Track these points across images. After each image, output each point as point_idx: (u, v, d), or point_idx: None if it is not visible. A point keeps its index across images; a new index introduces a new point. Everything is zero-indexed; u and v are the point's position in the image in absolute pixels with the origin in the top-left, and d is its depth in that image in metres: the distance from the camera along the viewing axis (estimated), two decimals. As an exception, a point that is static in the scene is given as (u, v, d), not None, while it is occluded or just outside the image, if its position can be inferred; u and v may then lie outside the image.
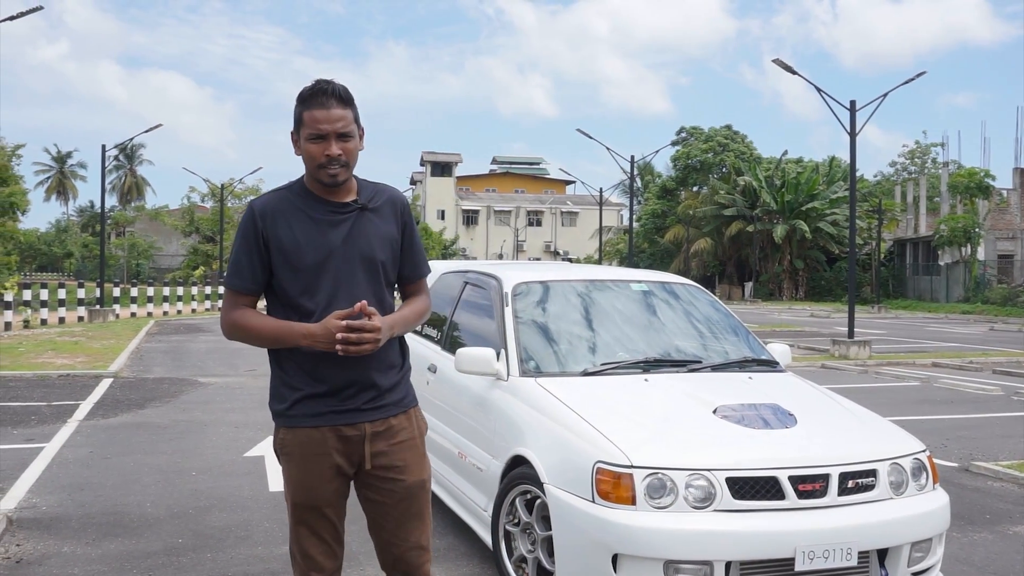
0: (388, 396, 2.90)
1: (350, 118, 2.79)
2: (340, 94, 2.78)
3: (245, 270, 2.83)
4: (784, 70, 18.00)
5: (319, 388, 2.80)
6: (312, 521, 2.87)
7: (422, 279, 3.06)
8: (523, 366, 4.78)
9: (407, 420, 2.96)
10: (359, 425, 2.84)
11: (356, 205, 2.85)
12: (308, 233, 2.79)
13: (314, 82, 2.80)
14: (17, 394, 10.99)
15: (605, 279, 5.66)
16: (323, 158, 2.75)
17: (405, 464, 2.91)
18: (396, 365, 2.95)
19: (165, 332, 21.65)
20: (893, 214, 52.32)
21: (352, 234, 2.82)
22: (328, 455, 2.83)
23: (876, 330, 25.66)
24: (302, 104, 2.79)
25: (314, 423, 2.82)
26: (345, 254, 2.81)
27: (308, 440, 2.83)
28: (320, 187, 2.83)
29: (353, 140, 2.80)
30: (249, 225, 2.83)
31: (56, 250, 75.36)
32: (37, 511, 5.85)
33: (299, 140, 2.82)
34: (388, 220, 2.91)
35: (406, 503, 2.92)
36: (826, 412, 4.56)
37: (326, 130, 2.74)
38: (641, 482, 3.75)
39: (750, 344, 5.40)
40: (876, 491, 3.98)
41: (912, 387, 13.41)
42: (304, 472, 2.85)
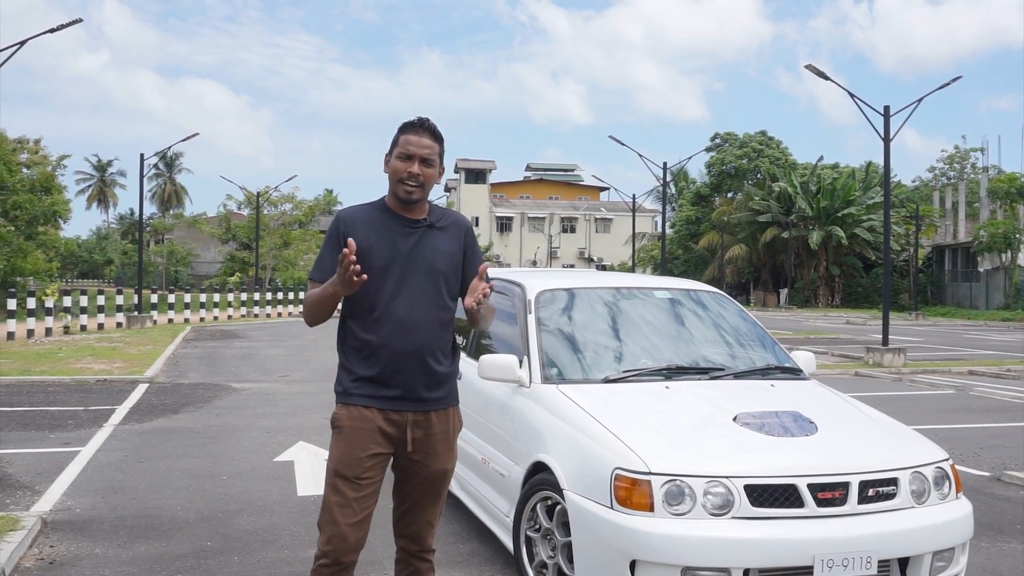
0: (431, 392, 3.32)
1: (436, 151, 3.30)
2: (433, 130, 3.32)
3: (326, 264, 3.28)
4: (817, 76, 17.89)
5: (377, 376, 3.25)
6: (348, 491, 3.24)
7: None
8: (545, 373, 4.81)
9: (445, 416, 3.38)
10: (403, 413, 3.27)
11: (425, 223, 3.34)
12: (380, 239, 3.27)
13: (417, 117, 3.33)
14: (56, 399, 11.21)
15: (629, 287, 5.67)
16: (404, 173, 3.24)
17: (436, 453, 3.35)
18: (447, 360, 3.37)
19: (201, 338, 21.93)
20: (931, 220, 51.66)
21: (418, 246, 3.30)
22: (373, 432, 3.26)
23: (913, 337, 25.36)
24: (401, 131, 3.31)
25: (366, 403, 3.27)
26: (408, 261, 3.28)
27: (359, 416, 3.27)
28: (397, 203, 3.31)
29: (433, 168, 3.30)
30: (334, 228, 3.34)
31: (96, 257, 76.64)
32: (71, 513, 5.98)
33: (390, 159, 3.31)
34: (452, 239, 3.38)
35: (427, 485, 3.38)
36: (848, 420, 4.55)
37: (414, 152, 3.25)
38: (659, 489, 3.77)
39: (774, 352, 5.39)
40: (897, 500, 3.97)
41: (947, 395, 13.25)
42: (349, 443, 3.26)
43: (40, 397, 11.32)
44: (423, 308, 3.26)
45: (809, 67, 17.83)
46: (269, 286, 40.54)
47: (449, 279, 3.34)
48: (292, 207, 50.07)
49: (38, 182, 31.86)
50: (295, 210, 50.14)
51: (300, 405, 11.02)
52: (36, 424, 9.34)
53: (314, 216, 51.66)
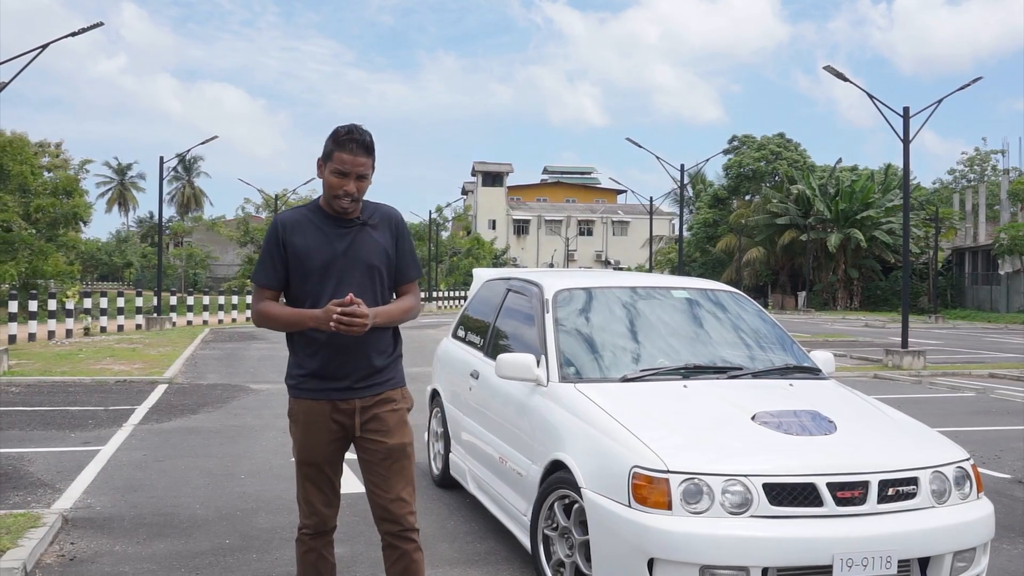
0: (378, 377, 3.51)
1: (369, 164, 3.41)
2: (366, 144, 3.39)
3: (269, 269, 3.48)
4: (836, 77, 17.82)
5: (321, 368, 3.44)
6: (313, 475, 3.55)
7: (411, 282, 3.65)
8: (563, 372, 4.81)
9: (394, 395, 3.57)
10: (351, 401, 3.47)
11: (358, 222, 3.49)
12: (318, 241, 3.44)
13: (348, 128, 3.39)
14: (76, 399, 11.29)
15: (646, 286, 5.67)
16: (340, 191, 3.38)
17: (388, 429, 3.52)
18: (386, 351, 3.55)
19: (220, 340, 22.05)
20: (951, 222, 51.29)
21: (353, 244, 3.46)
22: (325, 422, 3.48)
23: (932, 340, 25.19)
24: (335, 143, 3.38)
25: (315, 396, 3.48)
26: (346, 260, 3.44)
27: (309, 409, 3.49)
28: (331, 208, 3.47)
29: (366, 181, 3.43)
30: (272, 233, 3.51)
31: (116, 260, 77.14)
32: (91, 511, 6.02)
33: (324, 169, 3.42)
34: (384, 234, 3.54)
35: (389, 461, 3.53)
36: (867, 419, 4.53)
37: (348, 170, 3.37)
38: (677, 487, 3.76)
39: (792, 351, 5.36)
40: (917, 499, 3.94)
41: (967, 398, 13.15)
42: (306, 435, 3.51)
43: (60, 397, 11.41)
44: (362, 304, 3.34)
45: (828, 68, 17.75)
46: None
47: (383, 272, 3.52)
48: (309, 210, 50.27)
49: (60, 185, 32.14)
50: (313, 213, 50.32)
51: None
52: (57, 423, 9.41)
53: (331, 219, 51.79)
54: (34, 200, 30.12)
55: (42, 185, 31.40)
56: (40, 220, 30.63)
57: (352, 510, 6.06)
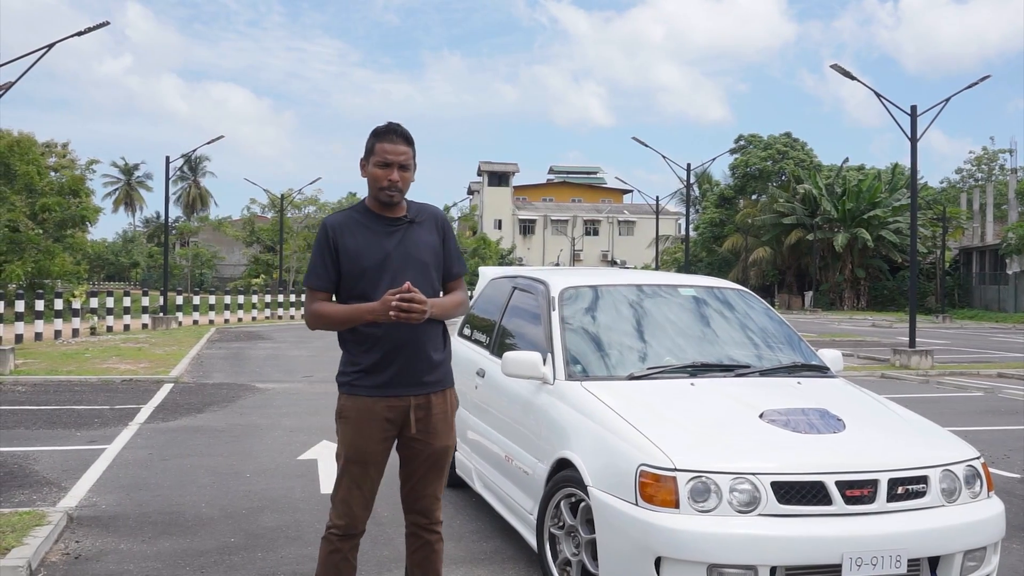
0: (429, 376, 3.53)
1: (410, 154, 3.50)
2: (406, 135, 3.50)
3: (320, 271, 3.51)
4: (843, 75, 17.75)
5: (376, 365, 3.45)
6: (358, 475, 3.51)
7: (459, 278, 3.70)
8: (569, 370, 4.78)
9: (443, 397, 3.60)
10: (405, 398, 3.49)
11: (406, 220, 3.55)
12: (368, 241, 3.49)
13: (387, 123, 3.50)
14: (82, 398, 11.30)
15: (653, 284, 5.63)
16: (385, 182, 3.45)
17: (436, 432, 3.57)
18: (439, 348, 3.58)
19: (226, 339, 22.06)
20: (959, 222, 51.12)
21: (403, 242, 3.52)
22: (378, 420, 3.48)
23: (940, 340, 25.10)
24: (375, 138, 3.48)
25: (369, 393, 3.48)
26: (398, 257, 3.49)
27: (363, 407, 3.48)
28: (378, 205, 3.53)
29: (409, 172, 3.51)
30: (323, 236, 3.54)
31: (123, 260, 77.31)
32: (97, 509, 6.01)
33: (367, 165, 3.51)
34: (431, 232, 3.60)
35: (431, 462, 3.60)
36: (876, 417, 4.49)
37: (391, 160, 3.45)
38: (684, 485, 3.73)
39: (800, 349, 5.33)
40: (927, 498, 3.91)
41: (975, 397, 13.09)
42: (357, 434, 3.49)
43: (67, 396, 11.42)
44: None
45: (835, 67, 17.69)
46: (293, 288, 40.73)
47: (432, 269, 3.58)
48: (316, 209, 50.31)
49: (67, 185, 32.18)
50: (318, 212, 50.38)
51: (323, 405, 11.02)
52: (63, 422, 9.41)
53: (337, 219, 51.77)
54: (40, 200, 30.17)
55: (48, 185, 31.44)
56: (47, 220, 30.67)
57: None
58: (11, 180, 29.25)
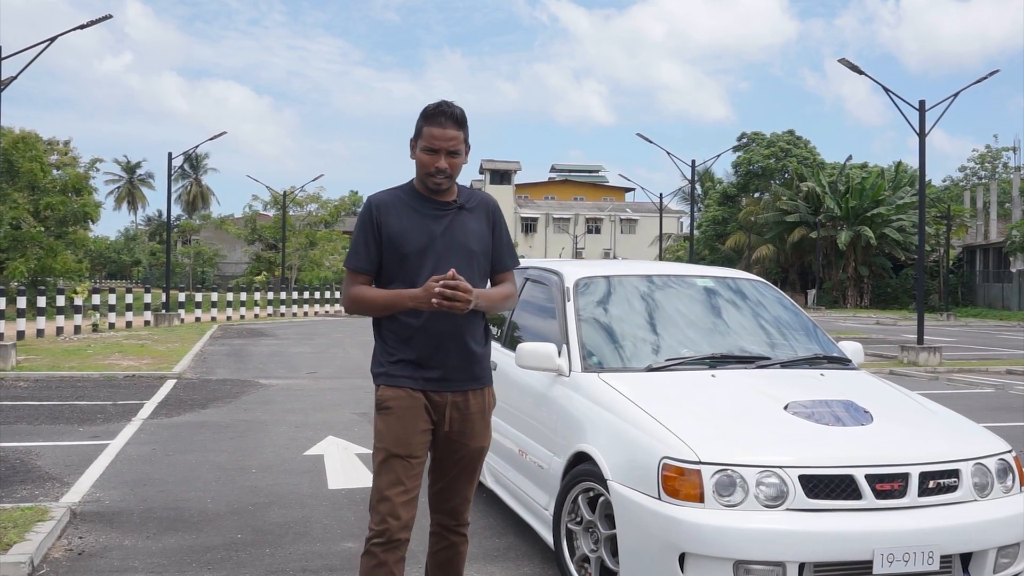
0: (473, 369, 3.35)
1: (461, 139, 3.26)
2: (456, 117, 3.25)
3: (362, 252, 3.30)
4: (851, 70, 17.60)
5: (415, 356, 3.26)
6: (400, 469, 3.24)
7: (509, 271, 3.48)
8: (585, 362, 4.66)
9: (481, 395, 3.40)
10: (443, 395, 3.30)
11: (455, 205, 3.33)
12: (413, 223, 3.28)
13: (438, 102, 3.26)
14: (84, 393, 11.18)
15: (668, 274, 5.51)
16: (432, 168, 3.23)
17: (473, 432, 3.38)
18: (481, 341, 3.39)
19: (228, 336, 21.94)
20: (962, 220, 50.98)
21: (451, 227, 3.30)
22: (420, 411, 3.28)
23: (946, 338, 24.96)
24: (424, 119, 3.25)
25: (409, 384, 3.27)
26: (444, 243, 3.27)
27: (407, 396, 3.27)
28: (426, 189, 3.31)
29: (459, 157, 3.27)
30: (366, 214, 3.31)
31: (125, 258, 77.21)
32: (100, 505, 5.89)
33: (415, 147, 3.28)
34: (481, 219, 3.38)
35: (465, 463, 3.42)
36: (904, 409, 4.37)
37: (439, 146, 3.22)
38: (709, 479, 3.61)
39: (820, 341, 5.20)
40: (959, 492, 3.78)
41: (986, 394, 12.97)
42: (401, 422, 3.26)
43: (69, 392, 11.30)
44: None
45: (842, 61, 17.55)
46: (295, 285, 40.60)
47: (481, 258, 3.36)
48: (318, 207, 50.18)
49: (70, 183, 32.06)
50: (320, 210, 50.24)
51: (328, 401, 10.92)
52: (65, 418, 9.29)
53: (339, 216, 51.72)
54: (43, 198, 30.05)
55: (51, 183, 31.31)
56: (49, 218, 30.54)
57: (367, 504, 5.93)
58: (14, 177, 29.12)
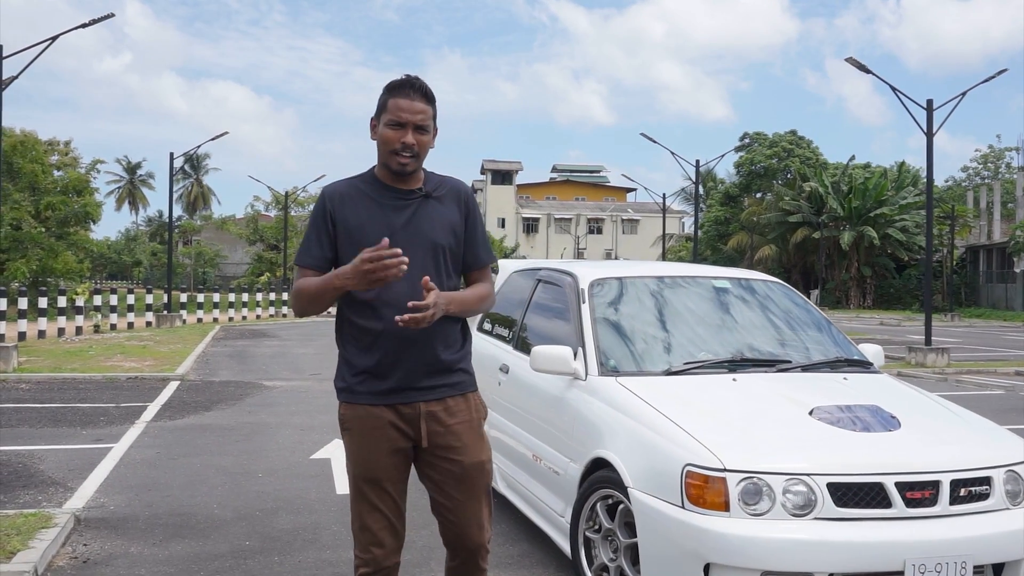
0: (444, 377, 3.00)
1: (430, 114, 2.94)
2: (424, 90, 2.94)
3: (313, 247, 2.98)
4: (858, 69, 17.49)
5: (377, 367, 2.93)
6: (372, 495, 2.98)
7: (485, 267, 3.14)
8: (602, 365, 4.55)
9: (464, 402, 3.06)
10: (414, 404, 2.96)
11: (420, 193, 2.99)
12: (372, 215, 2.95)
13: (404, 76, 2.95)
14: (87, 396, 11.07)
15: (684, 275, 5.40)
16: (398, 144, 2.89)
17: (462, 444, 3.02)
18: (454, 346, 3.03)
19: (231, 337, 21.83)
20: (966, 220, 50.84)
21: (415, 218, 2.96)
22: (385, 430, 2.95)
23: (951, 338, 24.84)
24: (388, 92, 2.94)
25: (371, 400, 2.95)
26: (407, 237, 2.91)
27: (366, 416, 2.96)
28: (388, 175, 2.98)
29: (428, 135, 2.95)
30: (319, 207, 3.01)
31: (126, 258, 77.08)
32: (105, 511, 5.78)
33: (377, 126, 2.96)
34: (451, 208, 3.03)
35: (463, 483, 3.03)
36: (931, 415, 4.26)
37: (405, 119, 2.90)
38: (735, 487, 3.50)
39: (840, 344, 5.09)
40: (991, 500, 3.67)
41: (996, 396, 12.85)
42: (363, 446, 2.97)
43: (71, 394, 11.19)
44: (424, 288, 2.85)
45: (850, 60, 17.43)
46: (297, 286, 40.45)
47: (449, 253, 3.01)
48: (319, 207, 50.13)
49: (70, 184, 31.97)
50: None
51: (333, 403, 10.67)
52: (68, 421, 9.18)
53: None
54: (44, 198, 29.96)
55: (52, 183, 31.24)
56: (50, 219, 30.46)
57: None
58: (15, 178, 29.04)
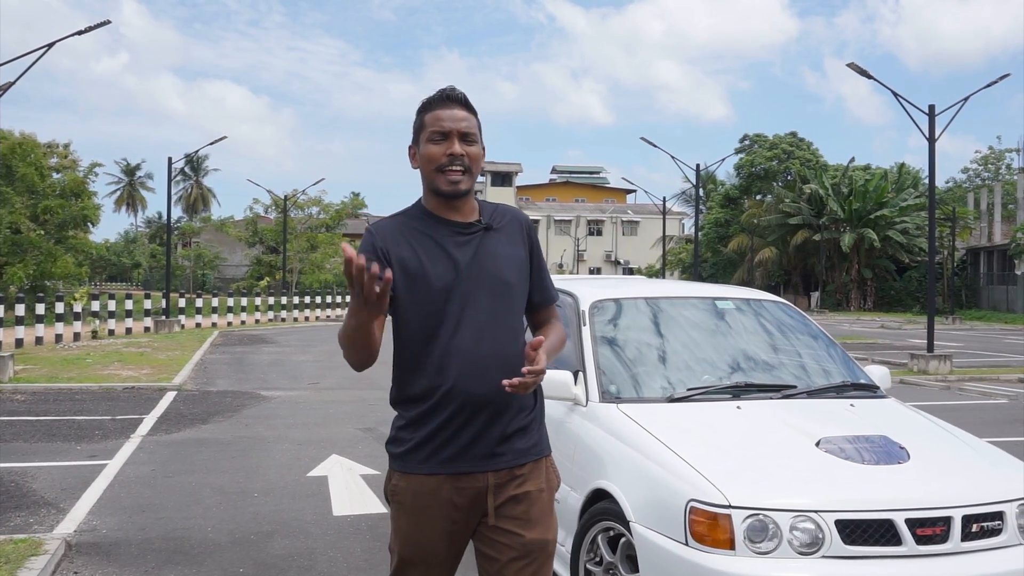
0: (516, 442, 2.60)
1: (474, 123, 2.59)
2: (463, 99, 2.60)
3: None
4: (860, 74, 17.38)
5: (440, 432, 2.53)
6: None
7: (552, 304, 2.80)
8: (604, 391, 4.44)
9: (537, 469, 2.65)
10: (480, 476, 2.56)
11: (481, 225, 2.61)
12: (431, 254, 2.55)
13: (438, 90, 2.61)
14: (83, 407, 10.97)
15: (688, 296, 5.29)
16: (444, 158, 2.53)
17: (528, 518, 2.59)
18: (528, 407, 2.64)
19: (229, 343, 21.73)
20: (966, 222, 50.72)
21: (479, 255, 2.58)
22: (443, 506, 2.55)
23: (952, 342, 24.74)
24: (423, 109, 2.60)
25: (431, 470, 2.54)
26: (472, 277, 2.55)
27: (423, 491, 2.55)
28: (440, 204, 2.59)
29: (476, 146, 2.58)
30: (368, 247, 2.56)
31: (125, 260, 77.01)
32: (97, 534, 5.68)
33: (417, 150, 2.61)
34: (515, 240, 2.68)
35: (524, 561, 2.57)
36: (940, 445, 4.15)
37: (449, 128, 2.53)
38: (741, 524, 3.39)
39: (847, 366, 4.98)
40: (1003, 536, 3.57)
41: (1000, 405, 12.74)
42: (416, 525, 2.58)
43: (67, 406, 11.09)
44: (495, 336, 2.53)
45: (851, 65, 17.32)
46: (296, 289, 40.41)
47: (518, 291, 2.63)
48: (319, 210, 50.03)
49: (68, 187, 31.87)
50: (322, 213, 50.07)
51: (331, 415, 10.71)
52: (62, 435, 9.08)
53: (341, 220, 51.55)
54: (42, 202, 29.87)
55: (50, 187, 31.13)
56: (48, 222, 30.37)
57: (372, 533, 5.72)
58: (13, 181, 28.94)
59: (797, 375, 4.77)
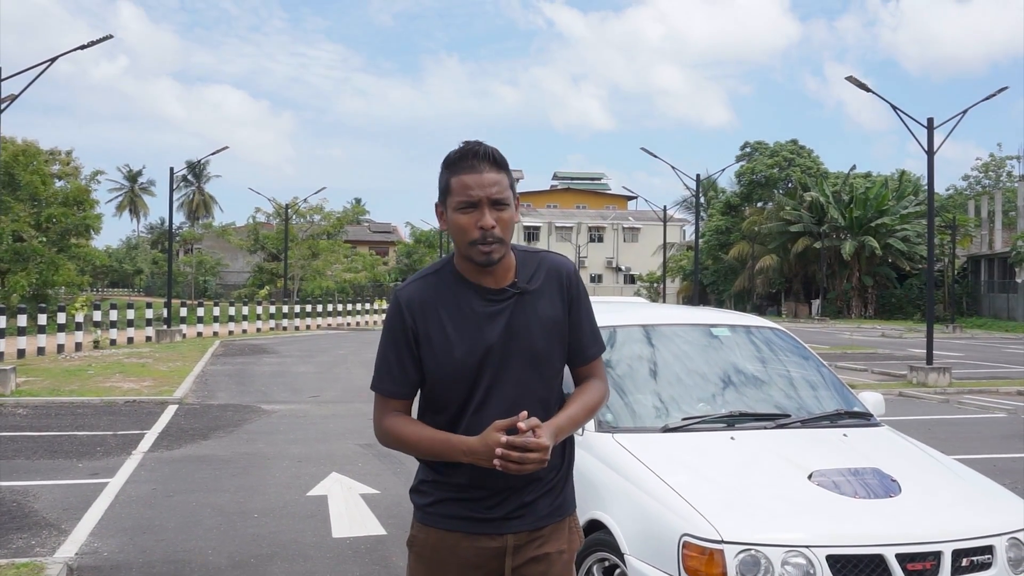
0: (541, 503, 2.50)
1: (505, 183, 2.40)
2: (493, 156, 2.41)
3: (395, 372, 2.48)
4: (858, 87, 17.46)
5: (463, 489, 2.47)
6: None
7: (595, 360, 2.62)
8: (600, 420, 4.49)
9: (558, 531, 2.55)
10: (501, 537, 2.48)
11: (514, 290, 2.47)
12: (459, 328, 2.44)
13: (462, 144, 2.44)
14: (84, 422, 11.03)
15: (683, 323, 5.34)
16: (476, 233, 2.37)
17: None
18: (556, 465, 2.52)
19: (230, 353, 21.79)
20: (967, 230, 50.77)
21: (511, 326, 2.45)
22: (461, 564, 2.49)
23: (953, 352, 24.78)
24: (449, 169, 2.43)
25: (451, 527, 2.48)
26: (505, 349, 2.44)
27: (441, 544, 2.49)
28: (472, 269, 2.46)
29: (509, 209, 2.41)
30: (396, 320, 2.47)
31: (127, 267, 77.13)
32: (98, 557, 5.73)
33: (445, 212, 2.45)
34: (552, 300, 2.52)
35: None
36: (932, 477, 4.19)
37: (478, 196, 2.36)
38: (733, 559, 3.44)
39: (841, 393, 5.03)
40: (993, 570, 3.61)
41: (998, 419, 12.76)
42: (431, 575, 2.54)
43: (68, 420, 11.15)
44: (522, 410, 2.37)
45: (850, 79, 17.39)
46: (297, 297, 40.48)
47: (553, 358, 2.52)
48: (320, 218, 50.15)
49: (71, 195, 31.96)
50: (323, 221, 50.20)
51: (331, 430, 10.76)
52: (64, 451, 9.14)
53: (342, 227, 51.66)
54: (45, 210, 29.96)
55: (53, 195, 31.22)
56: (51, 230, 30.45)
57: (371, 556, 5.77)
58: (15, 190, 29.03)
59: (791, 403, 4.82)
